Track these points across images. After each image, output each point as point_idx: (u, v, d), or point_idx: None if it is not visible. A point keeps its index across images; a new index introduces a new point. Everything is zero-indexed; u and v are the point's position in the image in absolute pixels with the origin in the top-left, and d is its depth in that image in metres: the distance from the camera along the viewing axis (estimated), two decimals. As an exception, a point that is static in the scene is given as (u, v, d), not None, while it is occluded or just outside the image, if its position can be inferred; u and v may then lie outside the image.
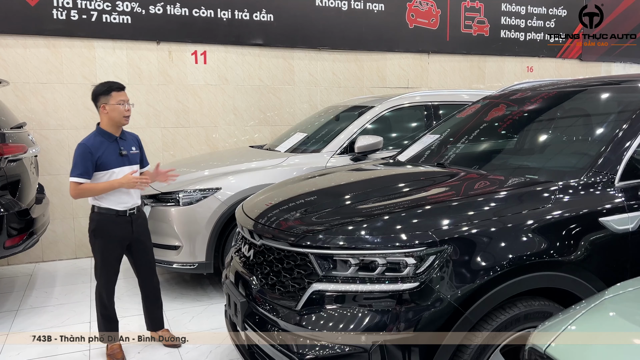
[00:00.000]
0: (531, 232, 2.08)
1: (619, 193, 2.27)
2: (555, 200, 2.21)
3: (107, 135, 3.08)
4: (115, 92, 3.05)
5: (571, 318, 1.26)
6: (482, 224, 2.06)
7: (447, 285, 1.95)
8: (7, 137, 3.96)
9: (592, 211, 2.20)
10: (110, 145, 3.07)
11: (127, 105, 3.08)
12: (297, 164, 4.51)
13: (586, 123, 2.81)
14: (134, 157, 3.19)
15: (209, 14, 5.91)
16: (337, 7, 6.50)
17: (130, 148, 3.17)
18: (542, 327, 1.29)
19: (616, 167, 2.32)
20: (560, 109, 3.02)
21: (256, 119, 6.35)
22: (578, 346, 1.15)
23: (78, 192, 2.96)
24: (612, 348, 1.11)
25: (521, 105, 3.22)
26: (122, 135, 3.16)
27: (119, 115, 3.05)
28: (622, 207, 2.24)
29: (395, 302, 1.97)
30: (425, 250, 1.98)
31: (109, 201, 3.06)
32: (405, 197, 2.43)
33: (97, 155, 2.98)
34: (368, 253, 2.03)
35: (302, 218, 2.38)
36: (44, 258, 5.53)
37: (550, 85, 3.27)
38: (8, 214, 3.77)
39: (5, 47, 5.20)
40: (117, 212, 3.07)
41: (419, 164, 3.18)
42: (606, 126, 2.61)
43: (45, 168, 5.36)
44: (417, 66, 7.10)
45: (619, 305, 1.29)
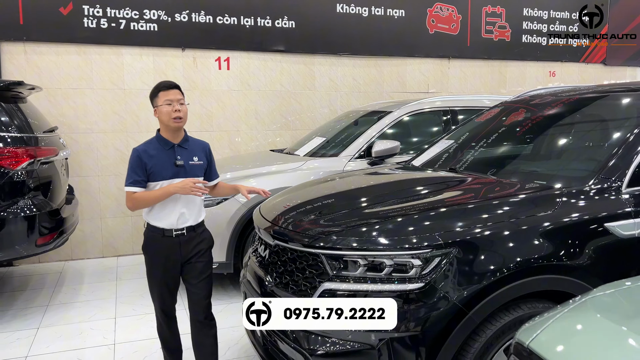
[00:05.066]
0: (536, 236, 2.14)
1: (625, 199, 2.31)
2: (561, 205, 2.26)
3: (163, 142, 2.69)
4: (163, 91, 2.65)
5: (555, 316, 1.34)
6: (487, 228, 2.14)
7: (451, 286, 2.02)
8: (40, 140, 4.17)
9: (597, 217, 2.25)
10: (166, 154, 2.67)
11: (175, 105, 2.63)
12: (315, 167, 4.61)
13: (596, 130, 2.84)
14: (193, 168, 2.71)
15: (232, 21, 6.08)
16: (358, 13, 6.60)
17: (191, 158, 2.72)
18: (528, 324, 1.37)
19: (624, 173, 2.36)
20: (572, 116, 3.06)
21: (277, 123, 6.49)
22: (558, 340, 1.22)
23: (132, 202, 2.64)
24: (589, 342, 1.18)
25: (533, 112, 3.26)
26: (183, 143, 2.72)
27: (166, 117, 2.63)
28: (629, 212, 2.28)
29: (402, 301, 2.05)
30: (431, 252, 2.06)
31: (156, 218, 2.68)
32: (414, 202, 2.52)
33: (148, 163, 2.63)
34: (376, 254, 2.12)
35: (314, 220, 2.48)
36: (73, 256, 5.76)
37: (563, 92, 3.30)
38: (40, 214, 3.97)
39: (39, 54, 5.46)
40: (163, 231, 2.67)
41: (432, 169, 3.25)
42: (615, 133, 2.64)
43: (74, 170, 5.59)
44: (437, 71, 7.14)
45: (600, 304, 1.35)
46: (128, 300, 4.40)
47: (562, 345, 1.19)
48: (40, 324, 3.93)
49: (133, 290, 4.67)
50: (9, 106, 4.10)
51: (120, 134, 5.82)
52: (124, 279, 5.02)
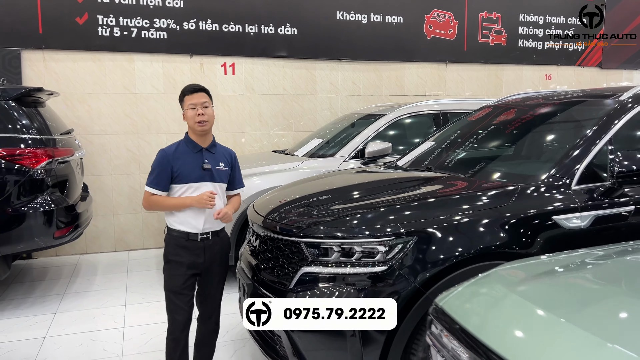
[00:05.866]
0: (489, 226, 2.44)
1: (574, 195, 2.59)
2: (514, 200, 2.55)
3: (191, 145, 2.69)
4: (187, 95, 2.68)
5: (465, 284, 1.63)
6: (445, 219, 2.44)
7: (411, 269, 2.33)
8: (58, 141, 4.54)
9: (546, 210, 2.53)
10: (193, 157, 2.67)
11: (199, 109, 2.64)
12: (312, 167, 4.92)
13: (557, 133, 3.12)
14: (219, 173, 2.73)
15: (237, 29, 6.42)
16: (358, 20, 6.91)
17: (217, 163, 2.73)
18: (446, 291, 1.66)
19: (574, 172, 2.64)
20: (539, 120, 3.34)
21: (280, 125, 6.82)
22: (462, 301, 1.52)
23: (149, 203, 2.67)
24: (484, 302, 1.47)
25: (505, 116, 3.55)
26: (210, 148, 2.74)
27: (192, 121, 2.64)
28: (576, 207, 2.56)
29: (370, 282, 2.36)
30: (394, 239, 2.36)
31: (181, 221, 2.67)
32: (386, 197, 2.82)
33: (175, 165, 2.63)
34: (348, 242, 2.43)
35: (297, 214, 2.80)
36: (88, 250, 6.14)
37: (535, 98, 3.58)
38: (57, 209, 4.34)
39: (57, 61, 5.85)
40: (187, 235, 2.67)
41: (412, 168, 3.55)
42: (571, 136, 2.92)
43: (89, 169, 5.97)
44: (434, 75, 7.42)
45: (501, 275, 1.64)
46: (137, 290, 4.75)
47: (464, 304, 1.49)
48: (57, 310, 4.30)
49: (142, 281, 5.03)
50: (29, 110, 4.47)
51: (131, 136, 6.19)
52: (135, 271, 5.38)
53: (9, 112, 4.27)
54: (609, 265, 1.72)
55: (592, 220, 2.56)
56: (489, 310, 1.43)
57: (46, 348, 3.59)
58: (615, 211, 2.59)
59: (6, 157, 4.16)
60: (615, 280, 1.60)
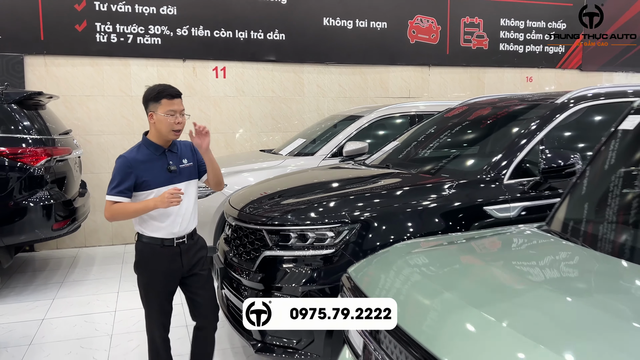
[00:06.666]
0: (423, 215, 2.78)
1: (505, 189, 2.93)
2: (450, 192, 2.90)
3: (153, 147, 2.55)
4: (166, 99, 2.50)
5: (371, 256, 1.99)
6: (386, 209, 2.79)
7: (355, 251, 2.67)
8: (56, 141, 4.92)
9: (479, 201, 2.87)
10: (157, 160, 2.54)
11: (178, 117, 2.50)
12: (294, 165, 5.28)
13: (497, 134, 3.46)
14: (186, 171, 2.62)
15: (228, 35, 6.78)
16: (343, 26, 7.25)
17: (181, 161, 2.61)
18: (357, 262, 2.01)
19: (506, 169, 2.98)
20: (483, 122, 3.68)
21: (269, 126, 7.18)
22: (362, 267, 1.87)
23: (111, 212, 2.47)
24: (378, 267, 1.82)
25: (461, 119, 3.89)
26: (171, 147, 2.61)
27: (167, 128, 2.49)
28: (506, 199, 2.90)
29: (322, 262, 2.71)
30: (340, 226, 2.71)
31: (152, 227, 2.54)
32: (342, 190, 3.17)
33: (138, 171, 2.47)
34: (302, 229, 2.78)
35: (264, 206, 3.16)
36: (86, 244, 6.52)
37: (488, 102, 3.92)
38: (55, 203, 4.71)
39: (57, 66, 6.23)
40: (162, 241, 2.54)
41: (374, 165, 3.89)
42: (509, 137, 3.25)
43: (88, 167, 6.35)
44: (418, 78, 7.76)
45: (397, 248, 1.99)
46: (131, 279, 5.10)
47: (362, 269, 1.84)
48: (55, 296, 4.67)
49: (135, 271, 5.40)
50: (30, 112, 4.85)
51: (127, 136, 6.56)
52: (129, 262, 5.75)
53: (12, 114, 4.65)
54: (483, 241, 2.07)
55: (521, 211, 2.90)
56: (380, 274, 1.78)
57: (44, 328, 3.96)
58: (541, 203, 2.92)
59: (9, 155, 4.54)
60: (482, 252, 1.95)
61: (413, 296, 1.58)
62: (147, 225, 2.55)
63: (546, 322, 1.26)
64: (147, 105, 2.58)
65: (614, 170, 1.99)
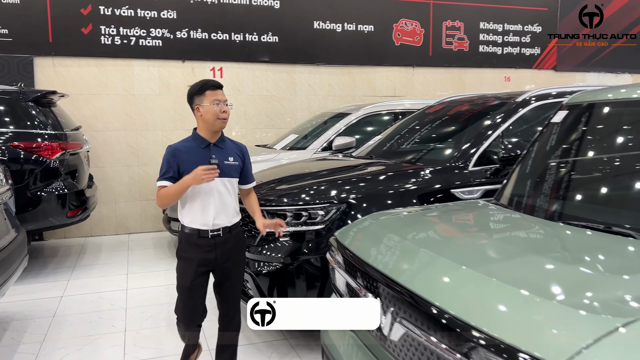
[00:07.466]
0: (399, 197, 3.28)
1: (469, 174, 3.44)
2: (422, 178, 3.40)
3: (199, 140, 2.64)
4: (210, 90, 2.61)
5: (355, 221, 2.47)
6: (368, 191, 3.28)
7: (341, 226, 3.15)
8: (69, 136, 5.35)
9: (447, 186, 3.37)
10: (201, 152, 2.62)
11: (223, 106, 2.62)
12: (287, 158, 5.75)
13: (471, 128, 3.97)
14: (228, 168, 2.66)
15: (224, 37, 7.24)
16: (332, 29, 7.74)
17: (226, 158, 2.67)
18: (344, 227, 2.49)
19: (471, 157, 3.49)
20: (457, 117, 4.19)
21: (264, 123, 7.65)
22: (347, 230, 2.35)
23: (159, 196, 2.60)
24: (356, 229, 2.31)
25: (437, 115, 4.39)
26: (219, 143, 2.68)
27: (213, 116, 2.59)
28: (470, 183, 3.40)
29: (314, 236, 3.20)
30: (329, 206, 3.20)
31: (191, 218, 2.64)
32: (331, 177, 3.65)
33: (180, 161, 2.58)
34: (297, 208, 3.26)
35: (264, 190, 3.63)
36: (92, 234, 6.95)
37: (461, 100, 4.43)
38: (69, 193, 5.15)
39: (65, 66, 6.65)
40: (199, 232, 2.63)
41: (360, 157, 4.38)
42: (473, 130, 3.76)
43: (93, 162, 6.77)
44: (403, 78, 8.26)
45: (376, 215, 2.48)
46: (137, 264, 5.57)
47: (346, 232, 2.32)
48: (70, 278, 5.12)
49: (141, 256, 5.86)
50: (45, 110, 5.28)
51: (130, 132, 7.00)
52: (134, 249, 6.21)
53: (29, 111, 5.08)
54: (443, 208, 2.56)
55: (483, 193, 3.41)
56: (358, 233, 2.26)
57: (64, 304, 4.41)
58: (500, 186, 3.42)
59: (26, 149, 4.97)
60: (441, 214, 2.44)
61: (383, 245, 2.06)
62: (187, 216, 2.65)
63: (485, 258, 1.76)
64: (192, 100, 2.67)
65: (545, 156, 2.49)
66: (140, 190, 7.11)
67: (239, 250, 2.78)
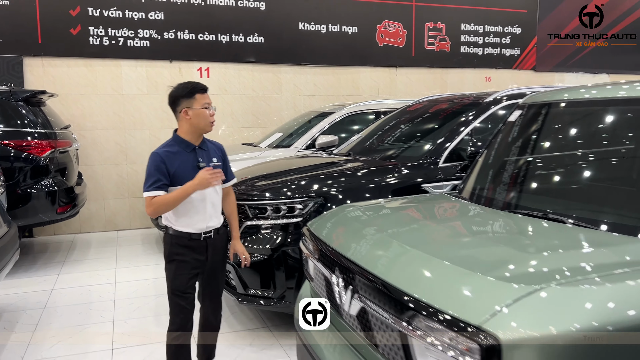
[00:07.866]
0: (373, 191, 3.48)
1: (439, 170, 3.65)
2: (397, 174, 3.60)
3: (184, 144, 2.60)
4: (200, 94, 2.58)
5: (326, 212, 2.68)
6: (343, 186, 3.48)
7: (318, 219, 3.35)
8: (58, 135, 5.50)
9: (419, 180, 3.58)
10: (187, 156, 2.59)
11: (212, 110, 2.62)
12: (272, 156, 5.94)
13: (440, 126, 4.18)
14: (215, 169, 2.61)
15: (211, 38, 7.41)
16: (317, 30, 7.93)
17: (210, 159, 2.67)
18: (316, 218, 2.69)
19: (441, 154, 3.70)
20: (431, 117, 4.41)
21: (250, 122, 7.83)
22: (317, 220, 2.56)
23: (154, 207, 2.50)
24: (326, 219, 2.51)
25: (413, 114, 4.61)
26: (202, 145, 2.66)
27: (204, 121, 2.58)
28: (440, 178, 3.62)
29: (293, 228, 3.39)
30: (307, 200, 3.40)
31: (181, 223, 2.60)
32: (309, 173, 3.85)
33: (170, 167, 2.53)
34: (276, 202, 3.46)
35: (246, 186, 3.82)
36: (81, 230, 7.10)
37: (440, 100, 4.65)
38: (59, 190, 5.31)
39: (54, 66, 6.79)
40: (190, 235, 2.61)
41: (339, 154, 4.59)
42: (445, 129, 3.97)
43: (82, 160, 6.91)
44: (386, 78, 8.48)
45: (343, 207, 2.68)
46: (126, 259, 5.74)
47: (316, 222, 2.52)
48: (60, 272, 5.27)
49: (130, 252, 6.02)
50: (34, 109, 5.42)
51: (119, 131, 7.15)
52: (123, 245, 6.36)
53: (20, 110, 5.22)
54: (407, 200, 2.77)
55: (451, 188, 3.61)
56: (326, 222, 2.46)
57: (54, 296, 4.57)
58: (468, 181, 3.64)
59: (17, 147, 5.11)
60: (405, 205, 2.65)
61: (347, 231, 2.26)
62: (177, 221, 2.61)
63: (432, 241, 1.97)
64: (177, 102, 2.60)
65: (502, 153, 2.71)
66: (128, 188, 7.27)
67: (224, 249, 2.81)
